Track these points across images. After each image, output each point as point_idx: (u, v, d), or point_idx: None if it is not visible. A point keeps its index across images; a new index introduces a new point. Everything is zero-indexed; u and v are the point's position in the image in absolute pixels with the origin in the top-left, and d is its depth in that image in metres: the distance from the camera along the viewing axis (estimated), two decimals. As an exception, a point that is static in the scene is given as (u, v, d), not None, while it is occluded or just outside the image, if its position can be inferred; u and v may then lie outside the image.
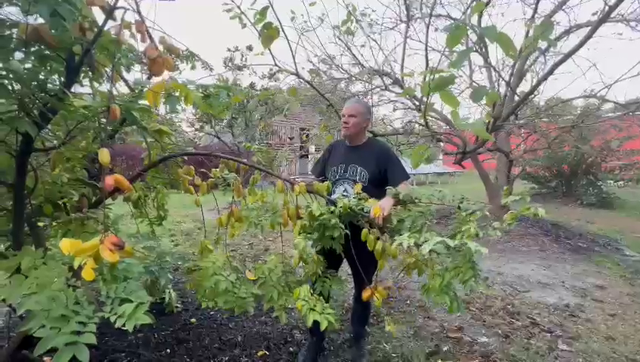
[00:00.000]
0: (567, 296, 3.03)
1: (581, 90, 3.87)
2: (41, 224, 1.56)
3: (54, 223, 1.53)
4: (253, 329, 2.24)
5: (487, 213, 1.22)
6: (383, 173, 1.78)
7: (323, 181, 1.60)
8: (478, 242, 1.05)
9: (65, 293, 0.90)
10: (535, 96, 3.83)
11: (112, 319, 0.85)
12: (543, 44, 3.03)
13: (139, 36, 1.09)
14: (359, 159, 1.81)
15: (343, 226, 1.40)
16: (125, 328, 0.83)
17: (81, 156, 1.60)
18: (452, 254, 1.12)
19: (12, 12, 1.06)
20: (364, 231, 1.39)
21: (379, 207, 1.37)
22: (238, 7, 2.11)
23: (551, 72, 2.66)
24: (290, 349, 2.04)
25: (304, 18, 3.94)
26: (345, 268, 2.08)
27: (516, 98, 3.79)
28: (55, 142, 1.47)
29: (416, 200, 1.43)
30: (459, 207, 1.32)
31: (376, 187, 1.77)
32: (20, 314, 0.91)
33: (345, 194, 1.75)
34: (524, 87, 5.09)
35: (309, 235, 1.41)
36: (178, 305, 2.40)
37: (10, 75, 1.01)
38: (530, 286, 3.23)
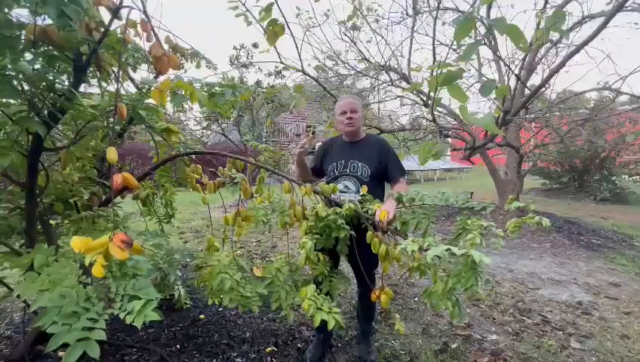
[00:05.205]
0: (579, 293, 2.97)
1: (594, 83, 3.76)
2: (52, 222, 1.59)
3: (66, 221, 1.56)
4: (262, 325, 2.25)
5: (492, 222, 1.21)
6: (384, 168, 1.78)
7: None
8: (481, 249, 1.05)
9: (76, 290, 0.92)
10: (546, 89, 3.74)
11: (122, 316, 0.86)
12: (554, 36, 2.95)
13: (144, 35, 1.09)
14: (360, 155, 1.80)
15: (348, 228, 1.40)
16: (135, 324, 0.84)
17: (90, 155, 1.62)
18: (455, 260, 1.11)
19: (22, 14, 1.08)
20: (369, 233, 1.39)
21: (384, 211, 1.37)
22: (244, 5, 2.10)
23: (563, 64, 2.58)
24: (298, 345, 2.05)
25: (309, 14, 3.90)
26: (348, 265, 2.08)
27: (527, 91, 3.70)
28: (65, 141, 1.50)
29: (419, 202, 1.42)
30: (467, 208, 1.30)
31: (377, 182, 1.78)
32: (33, 310, 0.93)
33: (345, 190, 1.75)
34: (535, 80, 4.98)
35: (315, 235, 1.41)
36: (187, 302, 2.44)
37: (20, 76, 1.03)
38: (541, 284, 3.17)
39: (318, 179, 1.96)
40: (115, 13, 1.04)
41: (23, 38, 1.01)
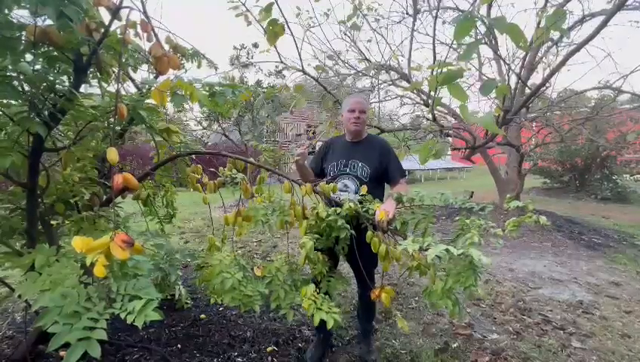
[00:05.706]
0: (580, 292, 2.96)
1: (595, 82, 3.75)
2: (53, 223, 1.60)
3: (67, 221, 1.56)
4: (262, 325, 2.25)
5: (490, 222, 1.21)
6: (384, 168, 1.79)
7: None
8: (480, 248, 1.06)
9: (77, 290, 0.92)
10: (547, 88, 3.73)
11: (123, 315, 0.86)
12: (555, 35, 2.94)
13: (144, 35, 1.10)
14: (360, 155, 1.80)
15: (349, 228, 1.41)
16: (135, 324, 0.84)
17: (91, 155, 1.62)
18: (454, 260, 1.12)
19: (23, 15, 1.08)
20: (369, 233, 1.39)
21: (384, 211, 1.37)
22: (244, 5, 2.10)
23: (563, 63, 2.58)
24: (299, 345, 2.05)
25: (309, 14, 3.89)
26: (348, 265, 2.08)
27: (527, 91, 3.70)
28: (66, 142, 1.50)
29: (418, 203, 1.42)
30: (466, 208, 1.31)
31: (376, 182, 1.79)
32: (35, 310, 0.94)
33: (344, 189, 1.75)
34: (536, 79, 4.96)
35: (315, 235, 1.41)
36: (188, 302, 2.44)
37: (21, 77, 1.03)
38: (542, 283, 3.17)
39: (320, 180, 1.96)
40: (115, 13, 1.04)
41: (23, 39, 1.02)
